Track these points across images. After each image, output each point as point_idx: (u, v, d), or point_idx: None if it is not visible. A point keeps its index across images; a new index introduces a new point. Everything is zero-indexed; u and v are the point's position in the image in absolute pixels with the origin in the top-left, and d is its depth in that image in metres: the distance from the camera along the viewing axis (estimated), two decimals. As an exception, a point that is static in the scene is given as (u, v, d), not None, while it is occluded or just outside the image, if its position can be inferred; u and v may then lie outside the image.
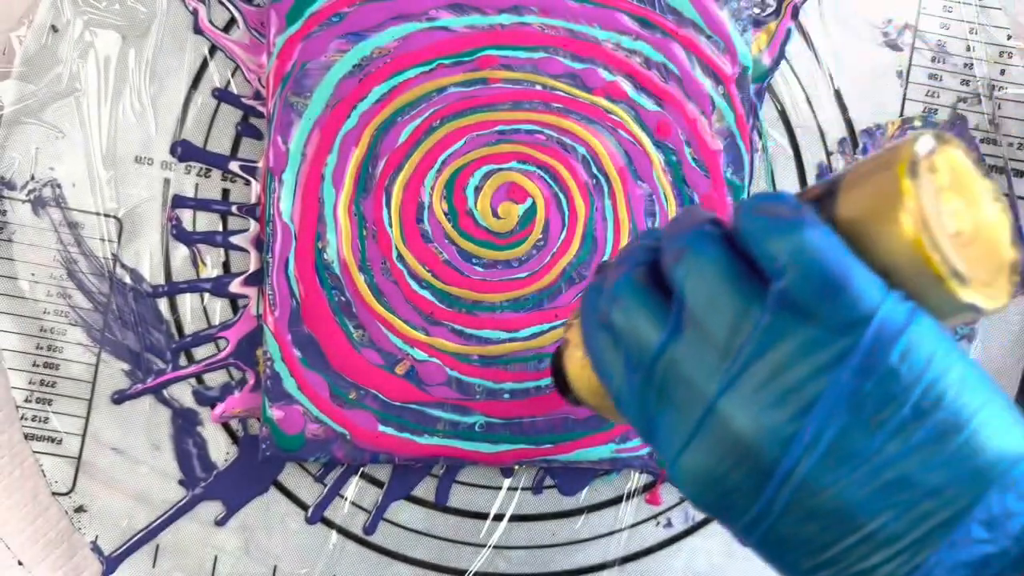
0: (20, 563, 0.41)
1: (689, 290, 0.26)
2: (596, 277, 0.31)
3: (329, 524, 0.42)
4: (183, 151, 0.42)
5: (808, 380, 0.24)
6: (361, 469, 0.42)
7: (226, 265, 0.42)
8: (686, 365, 0.26)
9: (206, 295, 0.42)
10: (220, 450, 0.42)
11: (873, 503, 0.24)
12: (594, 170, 0.42)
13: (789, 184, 0.43)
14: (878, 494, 0.24)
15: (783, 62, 0.43)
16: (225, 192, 0.42)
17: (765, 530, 0.26)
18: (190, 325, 0.42)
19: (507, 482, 0.42)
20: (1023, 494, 0.24)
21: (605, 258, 0.42)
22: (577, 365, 0.32)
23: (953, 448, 0.24)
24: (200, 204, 0.42)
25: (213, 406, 0.42)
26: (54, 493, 0.41)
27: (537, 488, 0.42)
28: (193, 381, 0.42)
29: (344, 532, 0.42)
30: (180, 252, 0.42)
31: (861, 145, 0.43)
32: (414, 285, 0.41)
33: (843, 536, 0.25)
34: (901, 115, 0.44)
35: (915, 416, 0.24)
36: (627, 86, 0.42)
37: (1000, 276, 0.25)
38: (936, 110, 0.44)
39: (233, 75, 0.42)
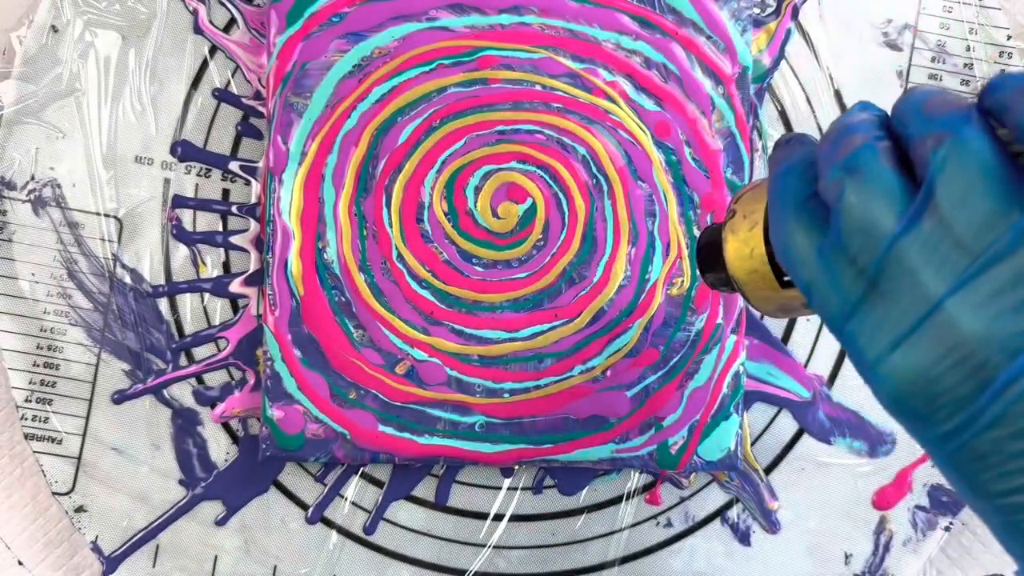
0: (20, 563, 0.41)
1: (945, 179, 0.23)
2: (784, 152, 0.28)
3: (329, 524, 0.42)
4: (183, 151, 0.42)
5: None
6: (361, 469, 0.42)
7: (226, 265, 0.42)
8: (917, 258, 0.24)
9: (206, 295, 0.42)
10: (220, 450, 0.42)
11: None
12: (594, 170, 0.42)
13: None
14: None
15: (783, 62, 0.43)
16: (225, 192, 0.42)
17: (964, 443, 0.24)
18: (190, 325, 0.42)
19: (507, 482, 0.42)
20: None
21: (602, 255, 0.42)
22: (740, 243, 0.30)
23: None
24: (200, 204, 0.42)
25: (213, 406, 0.42)
26: (54, 493, 0.41)
27: (537, 488, 0.42)
28: (193, 381, 0.42)
29: (344, 532, 0.42)
30: (180, 252, 0.42)
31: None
32: (414, 285, 0.41)
33: None
34: (901, 115, 0.44)
35: None
36: (627, 86, 0.42)
37: None
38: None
39: (233, 75, 0.42)
